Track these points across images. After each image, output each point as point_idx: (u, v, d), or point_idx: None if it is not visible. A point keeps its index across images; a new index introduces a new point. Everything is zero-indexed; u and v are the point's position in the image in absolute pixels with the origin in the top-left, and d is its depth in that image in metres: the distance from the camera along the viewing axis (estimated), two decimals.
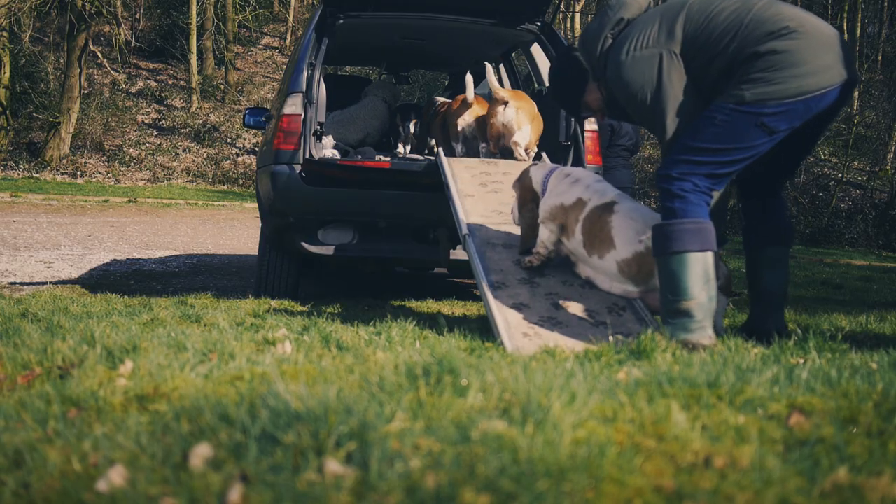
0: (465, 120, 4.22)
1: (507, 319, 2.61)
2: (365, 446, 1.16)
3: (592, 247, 2.76)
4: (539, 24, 4.63)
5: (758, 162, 2.47)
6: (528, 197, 3.08)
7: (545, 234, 2.94)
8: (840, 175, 20.07)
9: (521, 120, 3.91)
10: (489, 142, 4.13)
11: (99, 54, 19.82)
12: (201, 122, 21.28)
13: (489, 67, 4.39)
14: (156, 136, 20.49)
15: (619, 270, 2.73)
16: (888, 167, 20.67)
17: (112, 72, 21.09)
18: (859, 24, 24.55)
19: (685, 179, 2.39)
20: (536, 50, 5.01)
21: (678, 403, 1.45)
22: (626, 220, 2.70)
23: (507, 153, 4.12)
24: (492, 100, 4.10)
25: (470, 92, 4.24)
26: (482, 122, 4.23)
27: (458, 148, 4.27)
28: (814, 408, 1.45)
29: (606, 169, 4.95)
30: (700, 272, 2.34)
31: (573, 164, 4.29)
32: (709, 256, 2.36)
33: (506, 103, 3.94)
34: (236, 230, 10.84)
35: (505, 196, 3.64)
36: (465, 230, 3.20)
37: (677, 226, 2.37)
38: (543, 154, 4.14)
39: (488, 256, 3.04)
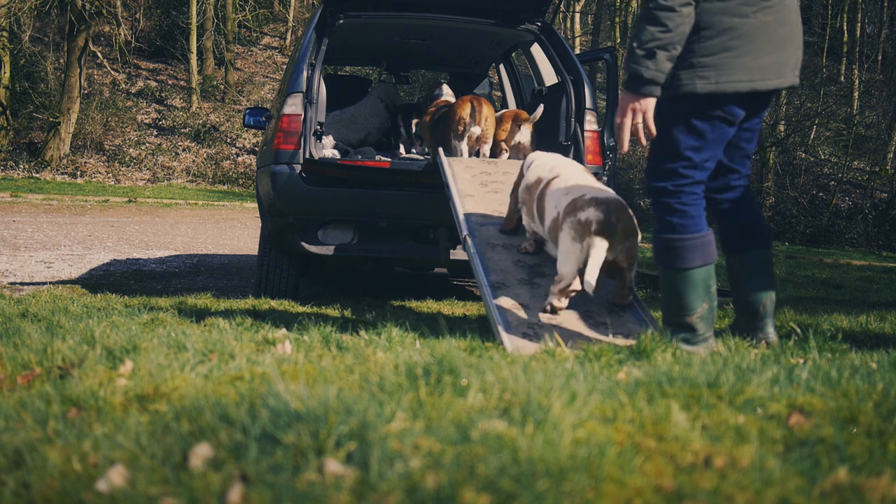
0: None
1: (506, 319, 2.61)
2: (365, 446, 1.16)
3: (542, 220, 2.86)
4: (539, 24, 4.63)
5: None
6: (518, 181, 3.19)
7: (524, 218, 3.08)
8: (840, 175, 20.07)
9: (533, 138, 4.42)
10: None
11: (99, 54, 19.81)
12: (201, 122, 21.28)
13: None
14: (156, 136, 20.50)
15: (549, 237, 2.82)
16: (888, 167, 20.67)
17: (112, 72, 21.08)
18: (859, 24, 24.54)
19: (682, 192, 2.32)
20: (536, 50, 5.01)
21: (678, 403, 1.45)
22: (551, 193, 2.80)
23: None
24: (505, 116, 4.40)
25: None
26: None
27: (462, 147, 4.28)
28: (814, 408, 1.45)
29: None
30: (702, 287, 2.33)
31: None
32: (710, 269, 2.35)
33: (520, 126, 4.33)
34: (236, 230, 10.84)
35: (505, 196, 3.64)
36: (465, 231, 3.21)
37: (679, 242, 2.31)
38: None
39: (488, 256, 3.04)
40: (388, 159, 4.39)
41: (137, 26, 23.03)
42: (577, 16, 26.37)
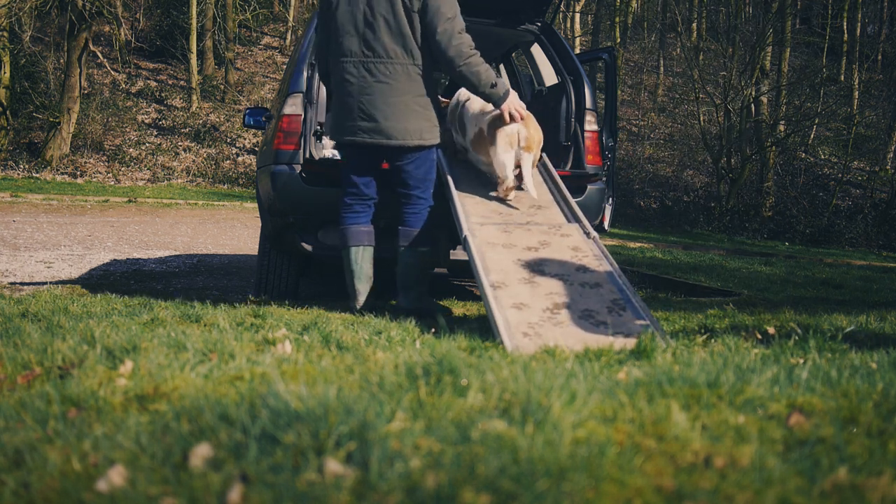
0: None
1: (506, 319, 2.61)
2: (365, 446, 1.16)
3: (464, 135, 3.80)
4: (539, 24, 4.63)
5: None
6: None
7: (454, 134, 3.99)
8: (840, 175, 20.08)
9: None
10: None
11: (99, 54, 19.82)
12: (201, 122, 21.28)
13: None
14: (156, 136, 20.50)
15: (472, 148, 3.73)
16: (888, 167, 20.68)
17: (112, 72, 21.09)
18: (859, 24, 24.54)
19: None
20: (536, 50, 5.01)
21: (678, 403, 1.45)
22: (468, 113, 3.76)
23: None
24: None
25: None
26: None
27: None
28: (814, 408, 1.45)
29: None
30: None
31: (573, 165, 4.29)
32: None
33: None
34: (236, 230, 10.85)
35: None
36: (465, 231, 3.21)
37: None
38: (543, 154, 4.14)
39: (488, 256, 3.04)
40: None
41: (137, 26, 23.05)
42: (577, 16, 26.37)
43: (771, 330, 2.70)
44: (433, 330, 2.74)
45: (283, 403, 1.30)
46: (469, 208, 3.47)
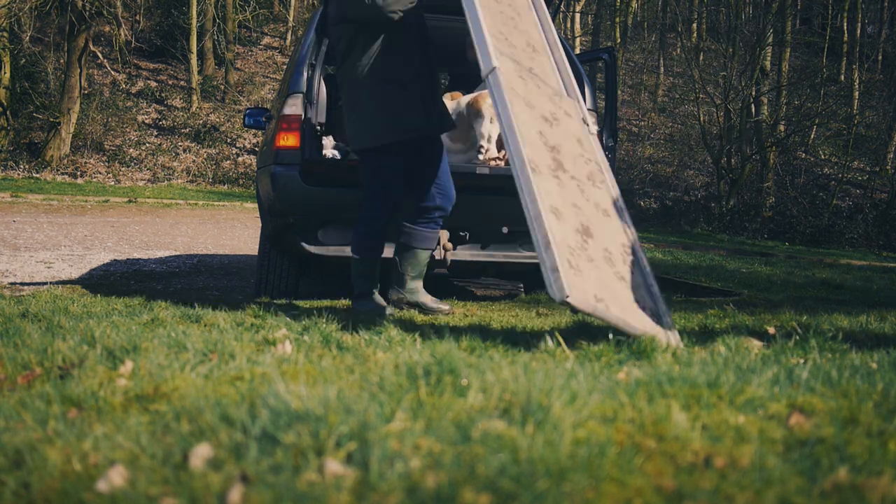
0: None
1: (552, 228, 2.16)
2: (365, 446, 1.16)
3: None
4: None
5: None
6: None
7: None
8: (840, 175, 20.08)
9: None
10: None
11: (99, 54, 19.81)
12: (201, 122, 21.28)
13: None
14: (156, 136, 20.50)
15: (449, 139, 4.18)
16: (888, 167, 20.68)
17: (112, 72, 21.09)
18: (859, 24, 24.54)
19: None
20: None
21: (678, 403, 1.45)
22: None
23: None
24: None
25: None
26: None
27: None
28: (814, 408, 1.45)
29: None
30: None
31: None
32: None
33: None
34: (236, 230, 10.85)
35: (568, 130, 2.96)
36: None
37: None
38: None
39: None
40: None
41: (137, 26, 23.05)
42: (577, 16, 26.38)
43: (771, 330, 2.70)
44: (432, 327, 2.74)
45: (284, 403, 1.30)
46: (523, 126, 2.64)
